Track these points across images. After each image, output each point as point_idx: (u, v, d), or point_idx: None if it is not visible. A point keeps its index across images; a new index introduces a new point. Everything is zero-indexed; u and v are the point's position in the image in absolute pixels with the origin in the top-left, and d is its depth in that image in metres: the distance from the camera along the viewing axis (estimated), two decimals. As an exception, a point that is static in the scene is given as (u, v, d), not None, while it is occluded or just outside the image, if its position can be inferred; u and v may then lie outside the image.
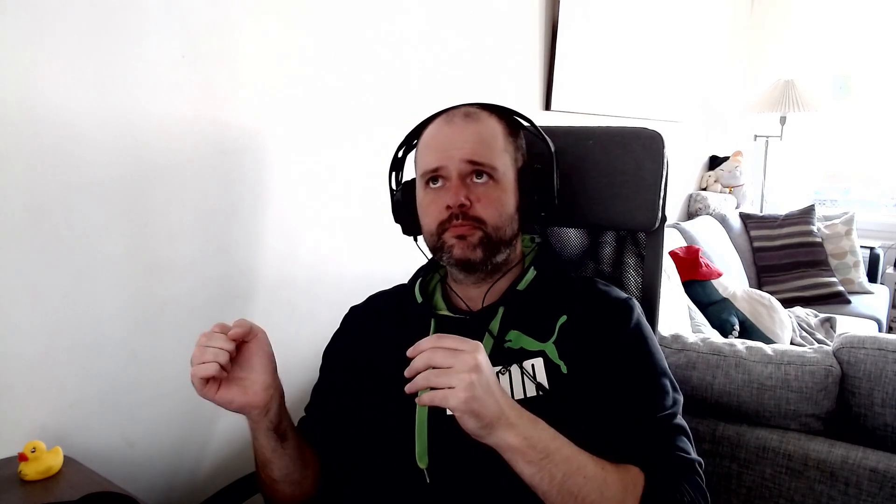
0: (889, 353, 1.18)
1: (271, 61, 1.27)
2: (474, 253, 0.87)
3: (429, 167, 0.89)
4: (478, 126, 0.90)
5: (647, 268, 1.10)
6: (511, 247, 0.92)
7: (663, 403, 0.84)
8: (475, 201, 0.87)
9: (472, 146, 0.87)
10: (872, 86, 3.88)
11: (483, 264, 0.88)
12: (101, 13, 1.00)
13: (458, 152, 0.87)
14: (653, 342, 0.89)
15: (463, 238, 0.87)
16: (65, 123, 0.98)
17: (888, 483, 1.10)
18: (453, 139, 0.89)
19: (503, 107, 0.94)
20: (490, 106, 0.94)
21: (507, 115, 0.95)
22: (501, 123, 0.92)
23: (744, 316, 2.37)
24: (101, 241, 1.04)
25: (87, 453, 1.02)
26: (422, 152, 0.93)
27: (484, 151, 0.88)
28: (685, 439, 0.84)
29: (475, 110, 0.92)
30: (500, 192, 0.89)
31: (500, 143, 0.90)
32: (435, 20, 1.64)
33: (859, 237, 3.30)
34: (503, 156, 0.90)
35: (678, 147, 3.32)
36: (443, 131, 0.91)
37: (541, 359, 0.86)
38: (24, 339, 0.97)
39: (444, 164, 0.88)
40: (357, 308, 1.05)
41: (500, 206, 0.88)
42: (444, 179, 0.88)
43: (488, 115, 0.92)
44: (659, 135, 1.03)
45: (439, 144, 0.90)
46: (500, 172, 0.89)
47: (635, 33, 2.70)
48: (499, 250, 0.89)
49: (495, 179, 0.88)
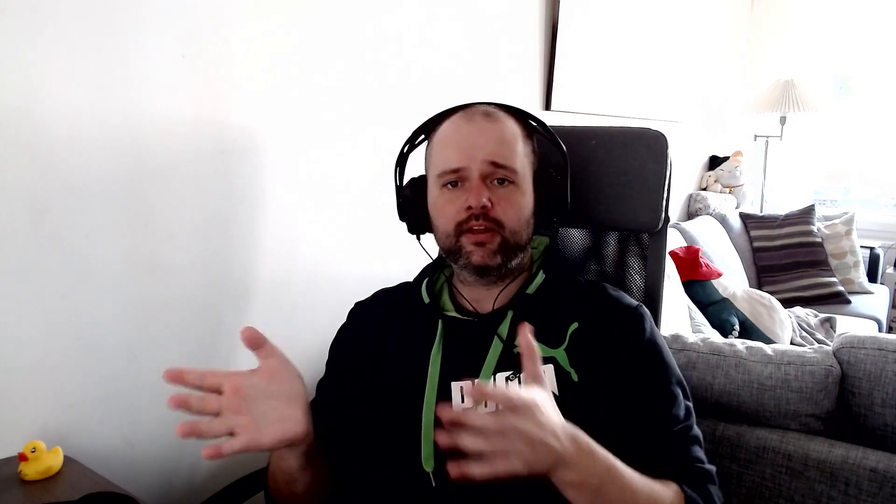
0: (889, 353, 1.18)
1: (271, 61, 1.26)
2: (493, 259, 0.86)
3: (448, 167, 0.87)
4: (499, 126, 0.88)
5: (649, 269, 1.10)
6: (525, 251, 0.91)
7: (681, 415, 0.84)
8: (496, 203, 0.85)
9: (495, 147, 0.86)
10: (872, 86, 3.88)
11: (499, 269, 0.87)
12: (100, 13, 1.00)
13: (480, 152, 0.85)
14: (667, 351, 0.89)
15: (482, 245, 0.85)
16: (65, 123, 0.98)
17: (888, 483, 1.10)
18: (475, 138, 0.86)
19: (518, 108, 0.93)
20: (506, 107, 0.92)
21: (522, 117, 0.93)
22: (518, 125, 0.91)
23: (744, 316, 2.37)
24: (101, 241, 1.04)
25: (87, 453, 1.02)
26: (439, 150, 0.90)
27: (506, 153, 0.86)
28: (699, 449, 0.84)
29: (494, 110, 0.90)
30: (520, 195, 0.88)
31: (519, 146, 0.89)
32: (435, 20, 1.64)
33: (859, 237, 3.31)
34: (522, 159, 0.89)
35: (678, 147, 3.32)
36: (463, 130, 0.88)
37: (551, 366, 0.85)
38: (24, 340, 0.97)
39: (466, 164, 0.85)
40: (363, 304, 1.03)
41: (518, 209, 0.87)
42: (463, 180, 0.86)
43: (506, 115, 0.91)
44: (662, 135, 1.03)
45: (460, 143, 0.87)
46: (519, 175, 0.87)
47: (635, 33, 2.70)
48: (515, 255, 0.88)
49: (515, 182, 0.87)
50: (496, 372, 0.86)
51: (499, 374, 0.85)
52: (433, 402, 0.85)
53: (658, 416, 0.83)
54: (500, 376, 0.85)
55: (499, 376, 0.85)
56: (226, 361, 1.26)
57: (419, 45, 1.60)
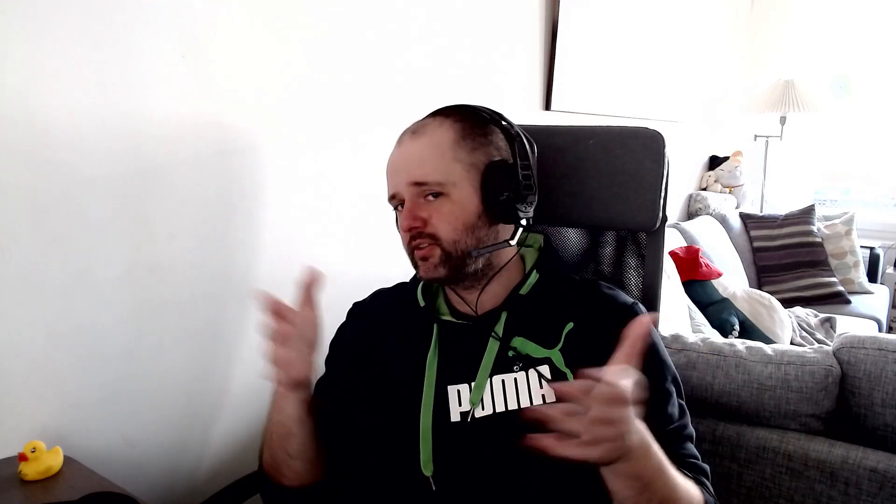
0: (889, 353, 1.18)
1: (271, 62, 1.27)
2: (437, 272, 0.87)
3: (388, 193, 0.91)
4: (421, 142, 0.88)
5: (647, 268, 1.10)
6: (481, 254, 0.88)
7: (675, 413, 0.85)
8: (428, 219, 0.86)
9: (416, 167, 0.87)
10: (872, 86, 3.88)
11: (451, 279, 0.89)
12: (100, 13, 1.00)
13: (403, 175, 0.88)
14: (662, 349, 0.89)
15: (426, 259, 0.87)
16: (65, 123, 0.98)
17: (888, 483, 1.10)
18: (400, 162, 0.89)
19: (463, 106, 0.92)
20: (446, 109, 0.91)
21: (469, 114, 0.90)
22: (455, 128, 0.88)
23: (744, 316, 2.37)
24: (101, 241, 1.04)
25: (87, 453, 1.02)
26: (386, 175, 0.93)
27: (426, 169, 0.86)
28: (693, 447, 0.86)
29: (425, 122, 0.90)
30: (451, 204, 0.86)
31: (447, 154, 0.86)
32: (435, 20, 1.64)
33: (859, 237, 3.30)
34: (452, 165, 0.86)
35: (678, 147, 3.32)
36: (394, 155, 0.91)
37: (547, 367, 0.85)
38: (24, 340, 0.97)
39: (397, 189, 0.89)
40: (361, 304, 1.03)
41: (452, 219, 0.86)
42: (401, 202, 0.89)
43: (440, 122, 0.89)
44: (659, 134, 1.03)
45: (391, 169, 0.90)
46: (448, 185, 0.86)
47: (635, 33, 2.70)
48: (464, 263, 0.87)
49: (445, 193, 0.86)
50: (493, 374, 0.86)
51: (495, 377, 0.85)
52: (430, 405, 0.85)
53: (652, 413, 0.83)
54: (497, 378, 0.85)
55: (495, 378, 0.85)
56: (226, 360, 1.27)
57: (419, 45, 1.60)
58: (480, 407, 0.84)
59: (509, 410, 0.83)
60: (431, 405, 0.85)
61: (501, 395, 0.84)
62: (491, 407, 0.84)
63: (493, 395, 0.84)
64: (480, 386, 0.85)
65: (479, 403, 0.84)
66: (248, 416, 1.31)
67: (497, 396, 0.84)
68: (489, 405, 0.84)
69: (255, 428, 1.33)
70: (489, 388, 0.85)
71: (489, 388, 0.85)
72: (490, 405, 0.84)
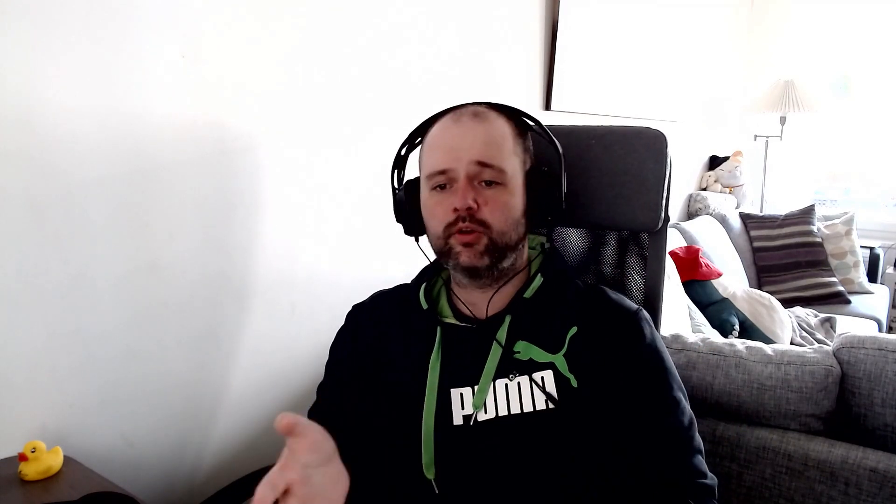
0: (889, 353, 1.18)
1: (271, 62, 1.27)
2: (481, 260, 0.85)
3: (435, 168, 0.86)
4: (487, 126, 0.87)
5: (649, 269, 1.09)
6: (517, 251, 0.90)
7: (682, 423, 0.84)
8: (482, 204, 0.84)
9: (482, 147, 0.85)
10: (872, 86, 3.88)
11: (489, 270, 0.87)
12: (100, 14, 1.00)
13: (466, 153, 0.85)
14: (667, 356, 0.88)
15: (470, 246, 0.85)
16: (65, 123, 0.98)
17: (888, 483, 1.10)
18: (462, 139, 0.86)
19: (511, 107, 0.92)
20: (498, 106, 0.91)
21: (515, 115, 0.92)
22: (510, 124, 0.90)
23: (744, 316, 2.37)
24: (101, 241, 1.04)
25: (87, 453, 1.03)
26: (427, 152, 0.90)
27: (493, 153, 0.85)
28: (702, 459, 0.84)
29: (483, 110, 0.89)
30: (508, 195, 0.86)
31: (509, 145, 0.88)
32: (435, 20, 1.64)
33: (859, 237, 3.30)
34: (512, 158, 0.87)
35: (678, 147, 3.32)
36: (451, 131, 0.87)
37: (550, 371, 0.84)
38: (25, 340, 0.97)
39: (453, 165, 0.85)
40: (361, 306, 1.02)
41: (506, 210, 0.86)
42: (451, 181, 0.86)
43: (497, 115, 0.90)
44: (662, 134, 1.03)
45: (447, 144, 0.87)
46: (508, 175, 0.86)
47: (635, 33, 2.70)
48: (505, 255, 0.87)
49: (503, 183, 0.86)
50: (496, 378, 0.85)
51: (498, 381, 0.85)
52: (433, 409, 0.85)
53: (659, 425, 0.83)
54: (500, 382, 0.85)
55: (498, 382, 0.85)
56: (226, 360, 1.27)
57: (419, 45, 1.60)
58: (483, 410, 0.84)
59: (512, 414, 0.83)
60: (434, 408, 0.85)
61: (504, 398, 0.84)
62: (494, 411, 0.83)
63: (496, 399, 0.84)
64: (483, 389, 0.84)
65: (481, 407, 0.84)
66: (247, 417, 1.31)
67: (500, 400, 0.84)
68: (492, 409, 0.84)
69: (255, 428, 1.33)
70: (492, 391, 0.84)
71: (492, 391, 0.84)
72: (493, 409, 0.83)
